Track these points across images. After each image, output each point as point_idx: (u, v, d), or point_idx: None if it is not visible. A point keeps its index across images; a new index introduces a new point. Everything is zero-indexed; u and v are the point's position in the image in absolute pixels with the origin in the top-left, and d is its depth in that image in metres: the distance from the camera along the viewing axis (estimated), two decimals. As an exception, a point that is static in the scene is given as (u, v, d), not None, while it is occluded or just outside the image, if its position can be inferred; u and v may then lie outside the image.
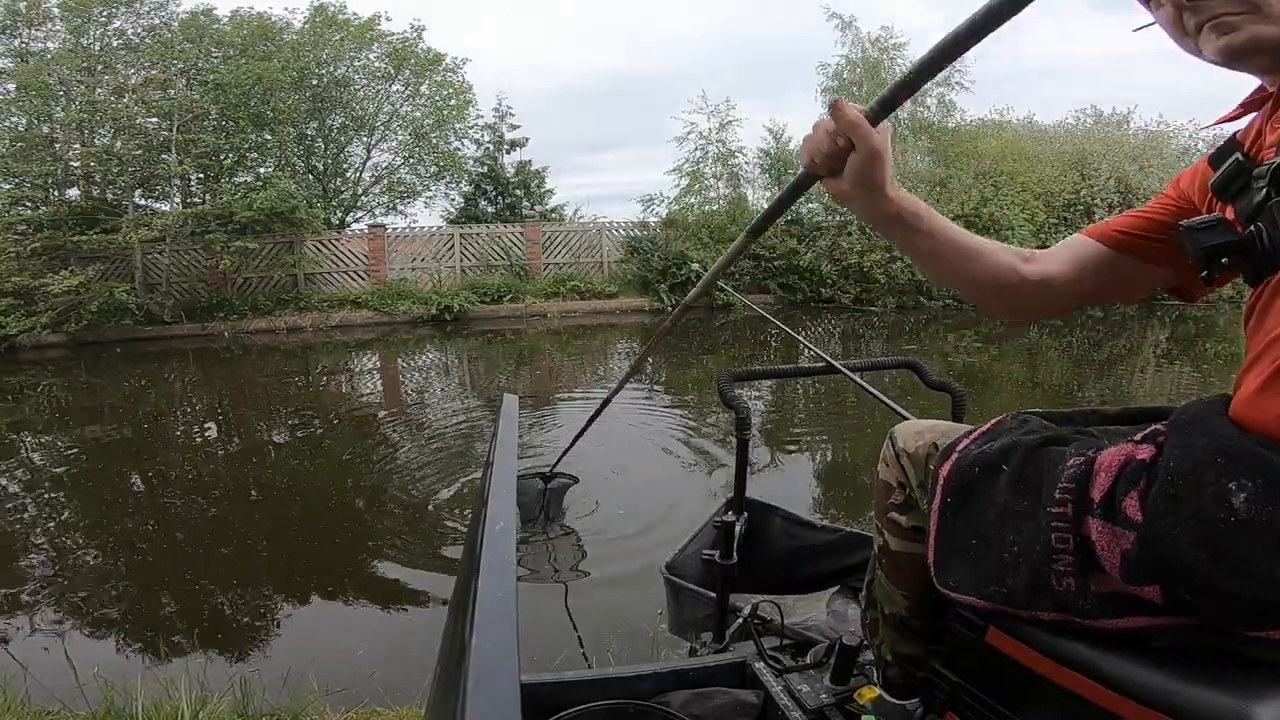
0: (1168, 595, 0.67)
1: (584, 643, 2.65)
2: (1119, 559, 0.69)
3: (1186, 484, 0.66)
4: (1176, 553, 0.65)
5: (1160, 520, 0.66)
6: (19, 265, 11.21)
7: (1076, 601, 0.73)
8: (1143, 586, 0.68)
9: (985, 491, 0.81)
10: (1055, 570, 0.73)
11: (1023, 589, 0.76)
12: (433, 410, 6.98)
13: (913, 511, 1.00)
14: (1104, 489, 0.71)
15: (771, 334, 10.80)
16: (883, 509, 1.03)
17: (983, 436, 0.87)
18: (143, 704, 1.96)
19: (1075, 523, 0.72)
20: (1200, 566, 0.63)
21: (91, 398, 8.45)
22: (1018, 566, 0.76)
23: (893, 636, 1.08)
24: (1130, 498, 0.69)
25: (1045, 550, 0.74)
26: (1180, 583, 0.66)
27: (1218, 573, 0.63)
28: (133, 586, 3.36)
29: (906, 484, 1.00)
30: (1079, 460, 0.74)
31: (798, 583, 1.89)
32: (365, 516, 4.13)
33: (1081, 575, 0.72)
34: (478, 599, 0.45)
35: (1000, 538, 0.78)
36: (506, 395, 1.21)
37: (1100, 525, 0.70)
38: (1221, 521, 0.63)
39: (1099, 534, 0.70)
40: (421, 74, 16.05)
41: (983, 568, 0.81)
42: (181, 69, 13.45)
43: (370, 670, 2.51)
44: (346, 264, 13.73)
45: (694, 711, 1.21)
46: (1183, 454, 0.68)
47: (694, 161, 15.23)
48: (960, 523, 0.83)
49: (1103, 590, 0.71)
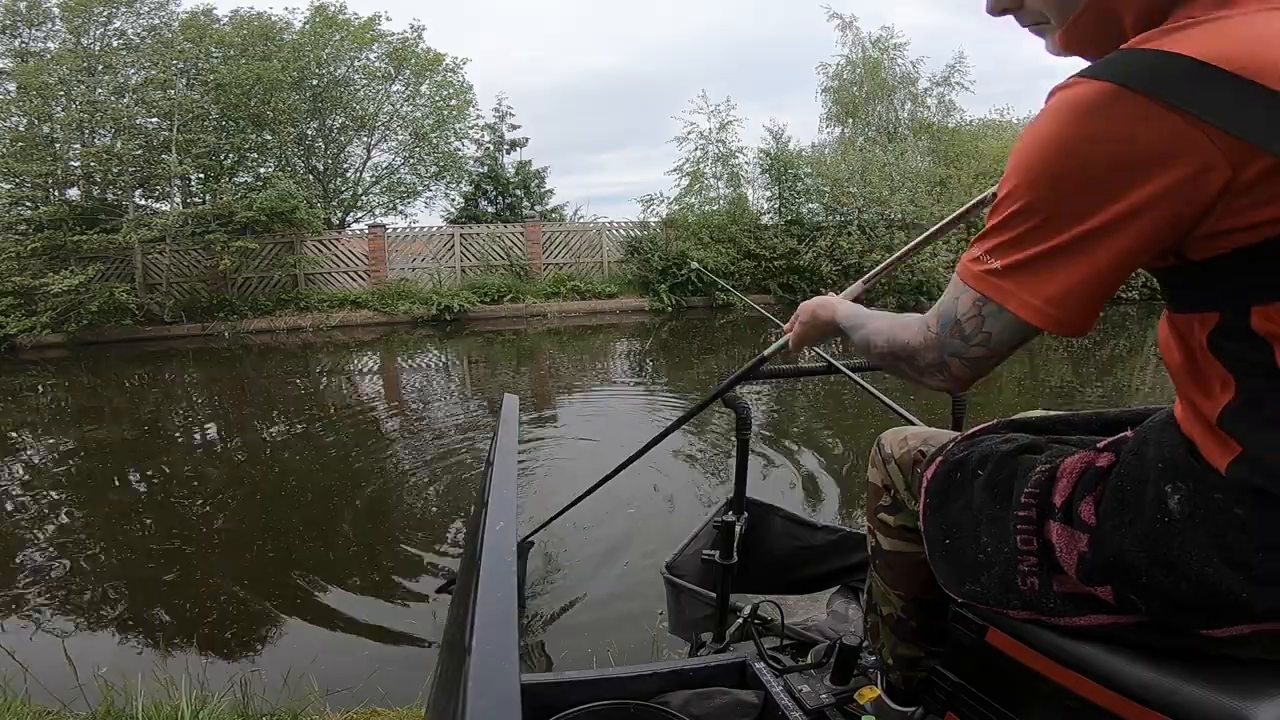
0: (1118, 595, 0.71)
1: (584, 643, 2.65)
2: (1076, 560, 0.73)
3: (1133, 489, 0.70)
4: (1121, 554, 0.68)
5: (1108, 522, 0.70)
6: (19, 265, 11.22)
7: (1041, 600, 0.77)
8: (1096, 587, 0.72)
9: (963, 495, 0.86)
10: (1020, 570, 0.78)
11: (995, 588, 0.81)
12: (433, 410, 6.98)
13: (901, 512, 1.03)
14: (1064, 494, 0.75)
15: (772, 334, 10.80)
16: (873, 510, 1.08)
17: (964, 443, 0.91)
18: (143, 704, 1.96)
19: (1039, 525, 0.77)
20: (1142, 565, 0.67)
21: (91, 398, 8.45)
22: (990, 566, 0.81)
23: (891, 638, 1.10)
24: (1086, 502, 0.73)
25: (1012, 551, 0.78)
26: (1125, 583, 0.69)
27: (1155, 571, 0.66)
28: (133, 586, 3.36)
29: (893, 487, 1.04)
30: (1045, 467, 0.79)
31: (798, 583, 1.89)
32: (366, 516, 4.13)
33: (1044, 575, 0.76)
34: (478, 599, 0.45)
35: (975, 539, 0.83)
36: (507, 395, 1.21)
37: (1060, 528, 0.75)
38: (1158, 522, 0.66)
39: (1058, 536, 0.75)
40: (421, 74, 16.07)
41: (960, 567, 0.85)
42: (181, 69, 13.47)
43: (370, 670, 2.51)
44: (346, 264, 13.73)
45: (694, 711, 1.21)
46: (1134, 461, 0.72)
47: (694, 161, 15.25)
48: (941, 524, 0.88)
49: (1064, 590, 0.76)
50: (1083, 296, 0.63)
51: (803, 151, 15.65)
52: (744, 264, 13.95)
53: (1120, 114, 0.58)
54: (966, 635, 0.88)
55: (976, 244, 0.70)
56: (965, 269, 0.71)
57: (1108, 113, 0.58)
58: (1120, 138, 0.58)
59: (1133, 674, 0.71)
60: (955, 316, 0.72)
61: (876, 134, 16.00)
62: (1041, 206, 0.62)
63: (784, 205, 15.38)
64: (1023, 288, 0.65)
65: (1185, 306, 0.66)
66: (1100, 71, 0.60)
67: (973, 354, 0.72)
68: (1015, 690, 0.84)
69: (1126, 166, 0.58)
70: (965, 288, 0.71)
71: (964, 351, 0.73)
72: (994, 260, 0.67)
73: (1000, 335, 0.69)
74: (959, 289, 0.72)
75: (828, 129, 16.85)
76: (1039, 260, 0.64)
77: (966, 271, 0.71)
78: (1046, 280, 0.64)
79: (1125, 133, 0.58)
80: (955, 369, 0.74)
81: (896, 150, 14.91)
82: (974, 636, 0.87)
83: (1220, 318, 0.62)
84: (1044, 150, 0.62)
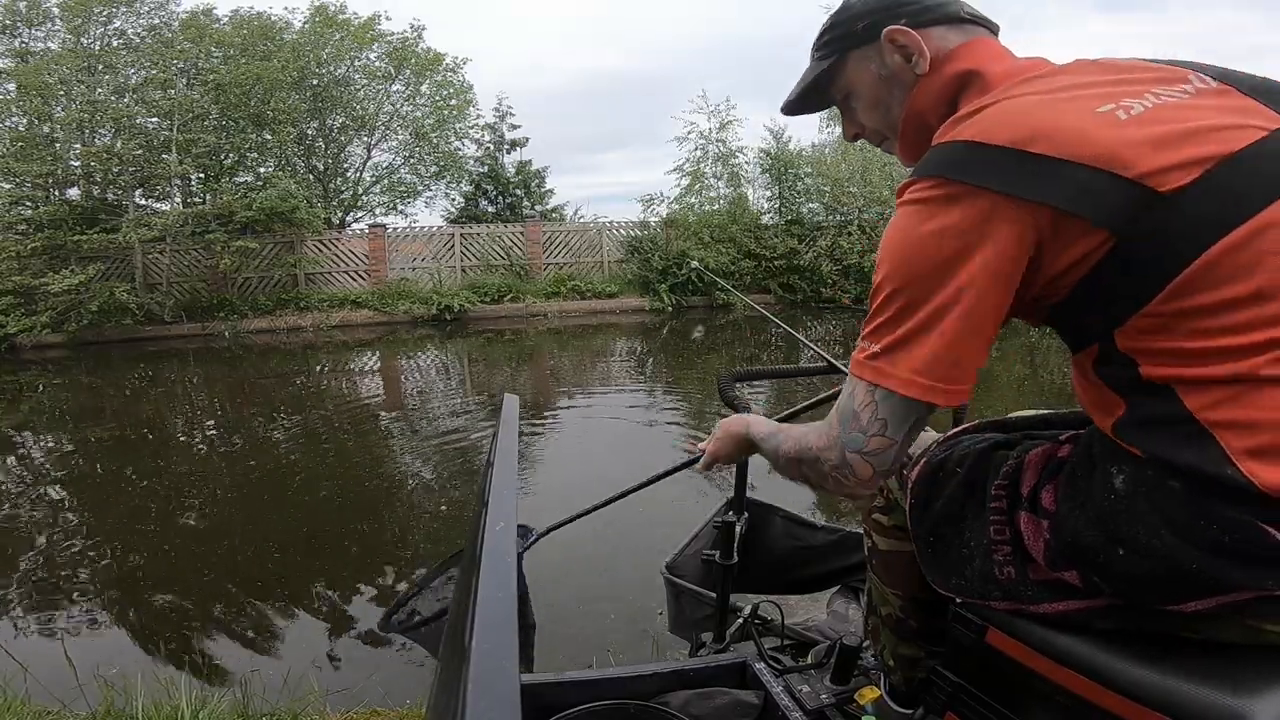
0: (1083, 578, 0.73)
1: (584, 643, 2.64)
2: (1042, 547, 0.76)
3: (1084, 472, 0.73)
4: (1079, 535, 0.71)
5: (1065, 506, 0.74)
6: (19, 265, 11.22)
7: (1019, 589, 0.80)
8: (1063, 571, 0.74)
9: (944, 494, 0.89)
10: (995, 560, 0.81)
11: (977, 580, 0.83)
12: (434, 410, 6.98)
13: (894, 512, 1.05)
14: (1030, 484, 0.79)
15: (773, 334, 10.80)
16: (868, 511, 1.10)
17: (945, 444, 0.94)
18: (143, 704, 1.96)
19: (1010, 516, 0.80)
20: (1099, 545, 0.70)
21: (92, 397, 8.45)
22: (971, 560, 0.84)
23: (891, 639, 1.10)
24: (1048, 490, 0.77)
25: (988, 543, 0.81)
26: (1087, 565, 0.72)
27: (1111, 550, 0.69)
28: (133, 586, 3.36)
29: (886, 487, 1.06)
30: (1014, 460, 0.83)
31: (798, 583, 1.88)
32: (366, 516, 4.13)
33: (1019, 564, 0.79)
34: (478, 599, 0.45)
35: (959, 535, 0.86)
36: (507, 395, 1.21)
37: (1027, 517, 0.78)
38: (1107, 502, 0.69)
39: (1026, 525, 0.78)
40: (421, 74, 16.06)
41: (946, 563, 0.88)
42: (182, 69, 13.47)
43: (370, 670, 2.51)
44: (347, 264, 13.73)
45: (694, 711, 1.21)
46: (1084, 447, 0.76)
47: (694, 161, 15.26)
48: (927, 523, 0.91)
49: (1038, 578, 0.78)
50: (945, 362, 0.69)
51: (803, 151, 15.67)
52: (744, 264, 13.94)
53: (942, 201, 0.68)
54: (966, 635, 0.88)
55: (862, 338, 0.76)
56: (854, 362, 0.76)
57: (934, 204, 0.69)
58: (947, 224, 0.67)
59: (1132, 673, 0.71)
60: (852, 409, 0.75)
61: (877, 133, 15.97)
62: (902, 292, 0.71)
63: (784, 205, 15.39)
64: (897, 365, 0.71)
65: (1075, 346, 0.75)
66: (921, 170, 0.72)
67: (872, 445, 0.74)
68: (1015, 690, 0.84)
69: (955, 247, 0.67)
70: (856, 380, 0.75)
71: (863, 445, 0.74)
72: (874, 345, 0.73)
73: (892, 418, 0.73)
74: (852, 384, 0.76)
75: (828, 128, 16.84)
76: (907, 338, 0.70)
77: (855, 364, 0.76)
78: (914, 354, 0.70)
79: (950, 219, 0.67)
80: (858, 466, 0.75)
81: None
82: (974, 637, 0.87)
83: (1098, 347, 0.71)
84: (896, 245, 0.71)
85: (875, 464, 0.75)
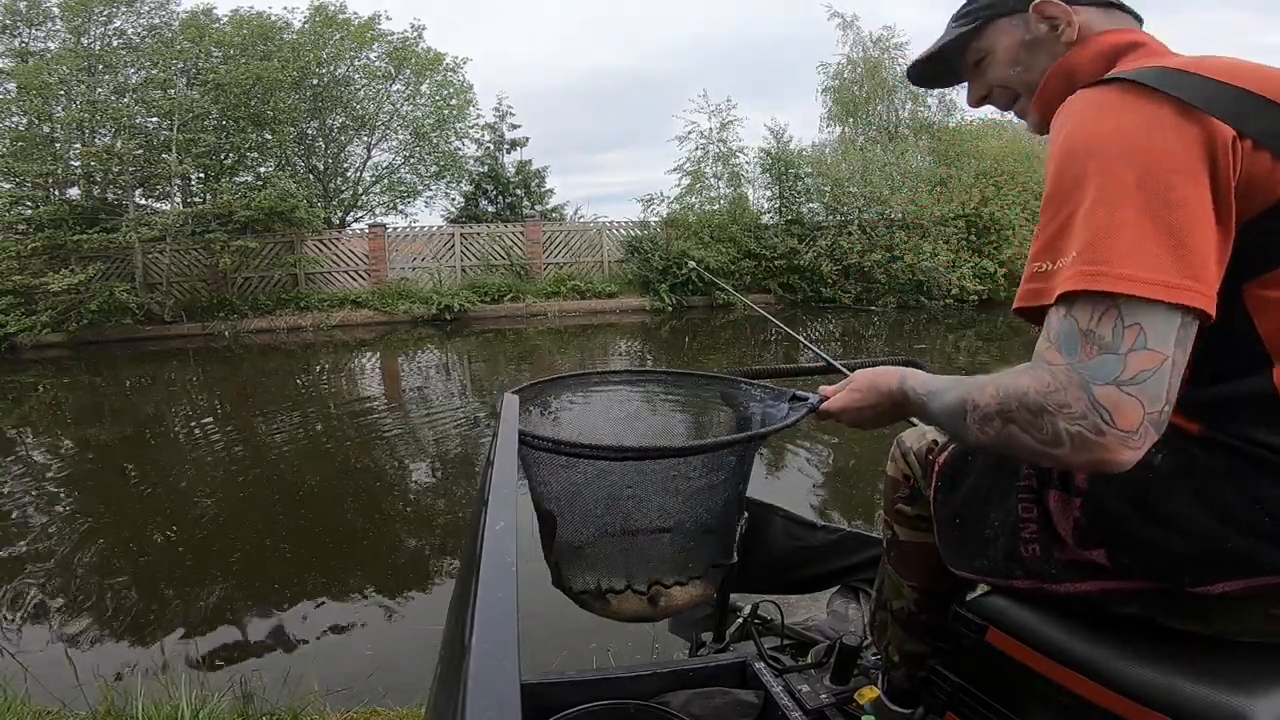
0: (1111, 557, 0.73)
1: (584, 643, 2.64)
2: (1071, 525, 0.76)
3: None
4: (1111, 513, 0.71)
5: (1098, 483, 0.73)
6: (19, 265, 11.21)
7: (1043, 567, 0.80)
8: (1092, 550, 0.75)
9: (971, 475, 0.90)
10: (1022, 538, 0.81)
11: (1000, 559, 0.84)
12: (433, 409, 6.98)
13: (918, 501, 1.06)
14: None
15: (772, 333, 10.80)
16: (891, 502, 1.10)
17: None
18: (143, 704, 1.96)
19: (1039, 494, 0.81)
20: (1132, 523, 0.70)
21: (92, 397, 8.45)
22: (996, 539, 0.84)
23: (900, 634, 1.11)
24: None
25: (1015, 521, 0.82)
26: (1117, 544, 0.72)
27: (1145, 528, 0.69)
28: (133, 586, 3.36)
29: (912, 476, 1.07)
30: None
31: (798, 583, 1.88)
32: (365, 515, 4.13)
33: (1045, 542, 0.80)
34: (478, 599, 0.45)
35: (984, 516, 0.87)
36: (506, 394, 1.20)
37: (1057, 495, 0.78)
38: (1145, 479, 0.68)
39: (1055, 503, 0.78)
40: (421, 74, 16.06)
41: (969, 544, 0.89)
42: (181, 69, 13.47)
43: (370, 670, 2.50)
44: (347, 264, 13.73)
45: (694, 711, 1.21)
46: None
47: (695, 161, 15.23)
48: (952, 505, 0.92)
49: (1063, 557, 0.78)
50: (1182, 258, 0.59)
51: (803, 151, 15.67)
52: (744, 263, 13.94)
53: (1144, 100, 0.64)
54: (966, 635, 0.88)
55: (1043, 256, 0.64)
56: (1063, 282, 0.61)
57: (1137, 99, 0.65)
58: (1155, 118, 0.63)
59: (1132, 673, 0.71)
60: (1080, 329, 0.59)
61: (877, 133, 16.00)
62: (1117, 183, 0.60)
63: (784, 205, 15.38)
64: (1127, 265, 0.58)
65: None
66: (1111, 79, 0.69)
67: (1134, 365, 0.57)
68: (1015, 690, 0.84)
69: (1175, 143, 0.61)
70: (1072, 299, 0.60)
71: (1119, 370, 0.57)
72: (1082, 257, 0.61)
73: (1150, 326, 0.57)
74: (1058, 313, 0.61)
75: (828, 128, 16.87)
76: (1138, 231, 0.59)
77: (1064, 283, 0.61)
78: (1145, 251, 0.58)
79: (1155, 114, 0.63)
80: (1119, 406, 0.57)
81: (897, 150, 14.90)
82: (974, 636, 0.87)
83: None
84: (1104, 138, 0.64)
85: (1144, 396, 0.57)
